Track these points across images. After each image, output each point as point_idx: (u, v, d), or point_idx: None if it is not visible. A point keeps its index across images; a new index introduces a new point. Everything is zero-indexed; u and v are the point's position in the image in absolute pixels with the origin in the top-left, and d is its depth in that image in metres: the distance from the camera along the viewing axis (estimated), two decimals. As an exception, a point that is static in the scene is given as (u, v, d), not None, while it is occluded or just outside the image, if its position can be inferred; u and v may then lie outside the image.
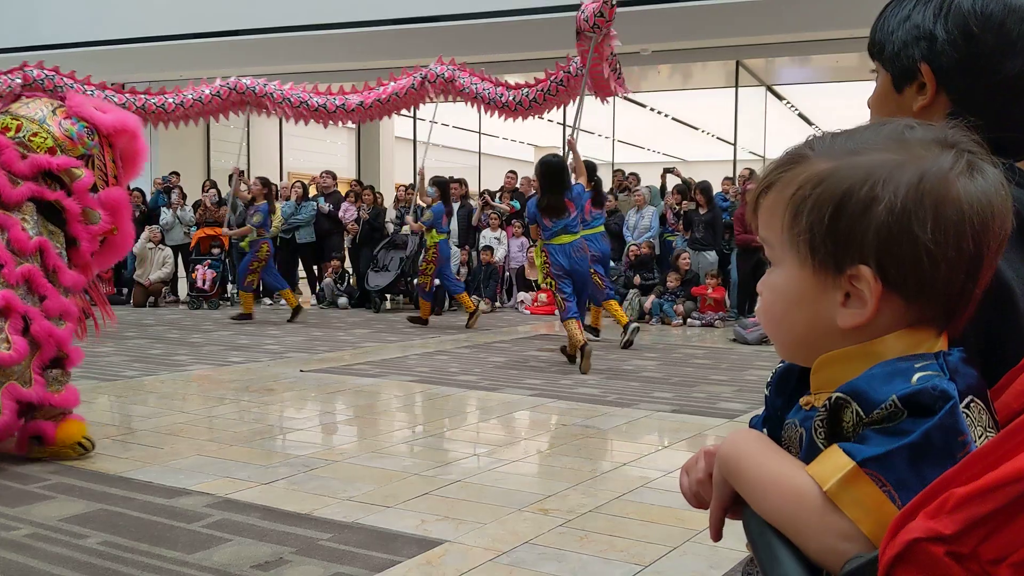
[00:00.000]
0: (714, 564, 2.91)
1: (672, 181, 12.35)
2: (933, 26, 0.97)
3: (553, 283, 7.26)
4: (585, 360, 6.83)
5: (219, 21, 13.05)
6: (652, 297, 10.79)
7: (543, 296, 11.72)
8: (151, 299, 12.18)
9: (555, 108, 10.16)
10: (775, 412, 0.84)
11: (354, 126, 18.65)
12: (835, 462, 0.67)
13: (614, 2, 8.24)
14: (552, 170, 7.19)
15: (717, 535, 0.81)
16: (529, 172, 16.99)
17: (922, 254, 0.71)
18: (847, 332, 0.74)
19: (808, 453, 0.73)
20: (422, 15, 12.18)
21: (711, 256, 11.08)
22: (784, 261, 0.77)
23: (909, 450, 0.66)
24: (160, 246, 12.37)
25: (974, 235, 0.72)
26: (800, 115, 18.07)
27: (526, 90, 9.85)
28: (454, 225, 12.54)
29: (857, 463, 0.66)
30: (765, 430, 0.84)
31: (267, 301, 12.61)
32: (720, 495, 0.78)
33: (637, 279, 11.08)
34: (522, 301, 12.00)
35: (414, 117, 16.98)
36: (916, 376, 0.68)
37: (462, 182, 13.17)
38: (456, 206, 12.81)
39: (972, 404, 0.70)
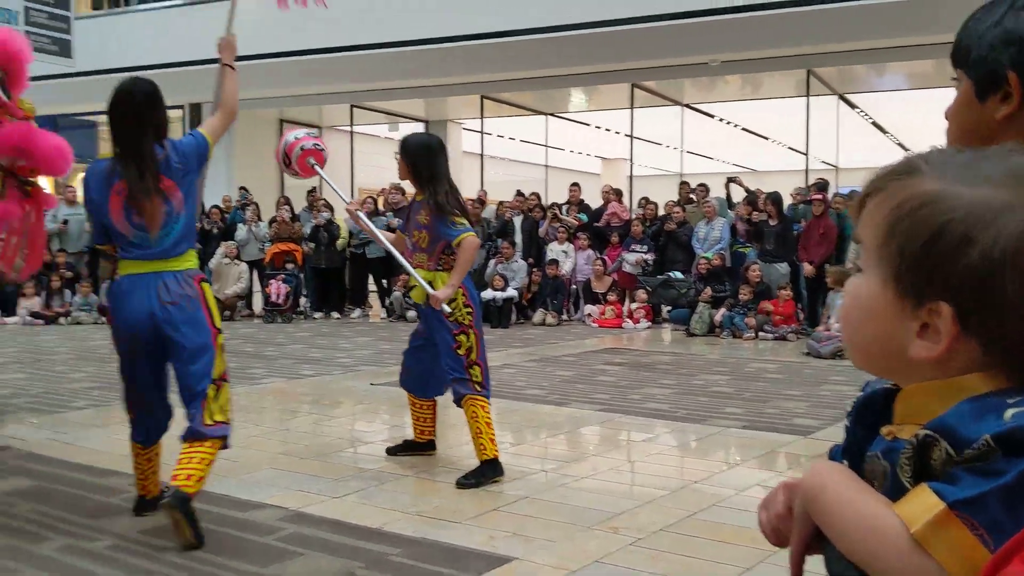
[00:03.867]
0: (789, 587, 2.84)
1: (736, 191, 12.16)
2: None
3: None
4: None
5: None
6: (723, 310, 10.62)
7: (611, 309, 11.65)
8: (227, 313, 12.47)
9: None
10: (856, 443, 0.81)
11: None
12: (924, 502, 0.65)
13: None
14: None
15: (798, 572, 0.78)
16: (595, 184, 16.97)
17: (1008, 309, 0.67)
18: (916, 362, 0.72)
19: (893, 490, 0.70)
20: (483, 32, 12.27)
21: (782, 268, 10.87)
22: (870, 272, 0.74)
23: (1003, 492, 0.63)
24: (236, 261, 12.67)
25: None
26: (874, 123, 17.67)
27: None
28: (518, 238, 12.55)
29: (948, 505, 0.64)
30: (845, 461, 0.82)
31: (334, 314, 12.81)
32: (801, 530, 0.76)
33: (708, 292, 10.91)
34: (589, 314, 11.94)
35: (481, 132, 17.09)
36: (1010, 412, 0.65)
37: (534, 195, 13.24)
38: (520, 219, 12.84)
39: None
